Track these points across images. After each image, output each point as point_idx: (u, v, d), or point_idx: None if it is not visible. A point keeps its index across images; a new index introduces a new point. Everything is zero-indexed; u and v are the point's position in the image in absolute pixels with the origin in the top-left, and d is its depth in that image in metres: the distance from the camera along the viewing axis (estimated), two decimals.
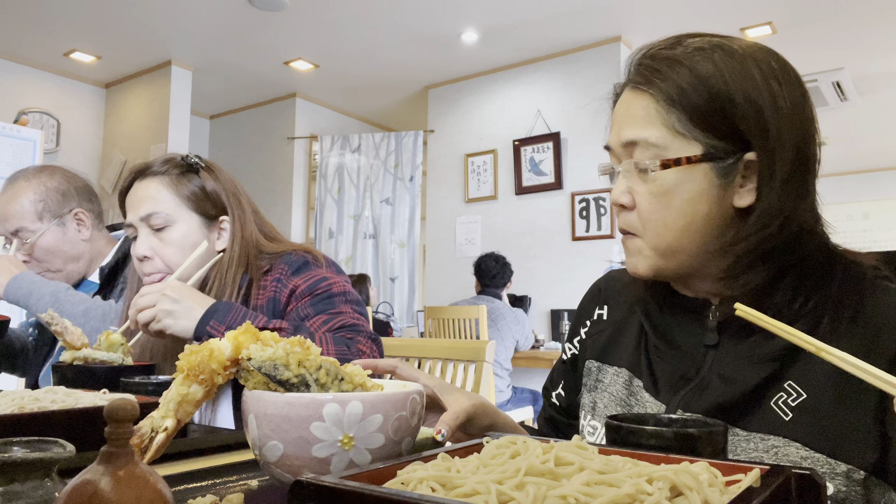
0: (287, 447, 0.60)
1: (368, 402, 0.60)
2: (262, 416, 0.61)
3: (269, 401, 0.61)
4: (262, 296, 1.34)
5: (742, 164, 0.76)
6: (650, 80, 0.78)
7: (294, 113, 6.39)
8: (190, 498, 0.62)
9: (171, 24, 5.03)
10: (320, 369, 0.63)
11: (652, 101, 0.77)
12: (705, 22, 4.78)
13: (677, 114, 0.76)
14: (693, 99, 0.75)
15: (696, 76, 0.75)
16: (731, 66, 0.76)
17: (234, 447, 0.96)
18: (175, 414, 0.64)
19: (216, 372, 0.64)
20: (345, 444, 0.59)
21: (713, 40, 0.79)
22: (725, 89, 0.75)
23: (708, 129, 0.75)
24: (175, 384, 0.65)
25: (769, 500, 0.42)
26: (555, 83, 5.34)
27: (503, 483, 0.43)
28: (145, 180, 1.37)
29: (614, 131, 0.83)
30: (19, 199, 1.70)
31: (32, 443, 0.49)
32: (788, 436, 0.73)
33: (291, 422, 0.59)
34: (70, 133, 5.95)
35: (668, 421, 0.63)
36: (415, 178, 5.95)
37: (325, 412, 0.59)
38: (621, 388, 0.88)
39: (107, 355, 1.22)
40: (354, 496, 0.41)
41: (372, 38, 5.20)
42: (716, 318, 0.81)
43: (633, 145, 0.79)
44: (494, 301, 4.23)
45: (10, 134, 3.62)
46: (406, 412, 0.63)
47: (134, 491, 0.39)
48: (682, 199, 0.76)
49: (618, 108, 0.84)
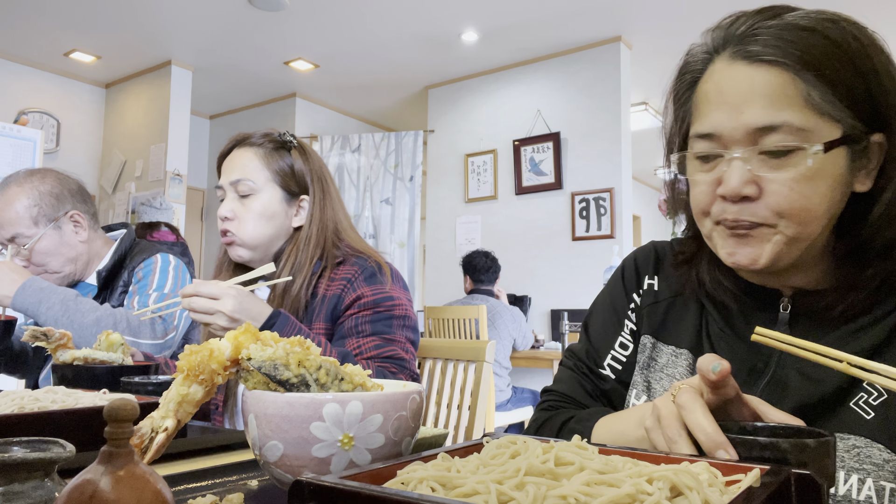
0: (287, 447, 0.59)
1: (368, 401, 0.60)
2: (262, 417, 0.61)
3: (269, 401, 0.60)
4: (329, 288, 1.38)
5: (870, 145, 0.71)
6: (788, 52, 0.68)
7: (294, 113, 6.39)
8: (190, 498, 0.62)
9: (171, 24, 5.04)
10: (320, 369, 0.63)
11: (789, 76, 0.68)
12: (705, 22, 4.76)
13: (822, 90, 0.67)
14: (843, 73, 0.67)
15: (842, 48, 0.68)
16: (868, 40, 0.70)
17: (234, 447, 0.96)
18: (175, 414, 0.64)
19: (216, 372, 0.64)
20: (345, 444, 0.59)
21: (825, 12, 0.72)
22: (871, 65, 0.69)
23: (852, 108, 0.69)
24: (175, 384, 0.64)
25: (769, 500, 0.42)
26: (555, 83, 5.34)
27: (503, 483, 0.43)
28: (242, 148, 1.46)
29: (727, 114, 0.71)
30: (13, 205, 1.69)
31: (32, 443, 0.49)
32: (870, 436, 0.69)
33: (291, 422, 0.59)
34: (70, 133, 5.95)
35: (752, 429, 0.59)
36: (415, 178, 5.95)
37: (325, 412, 0.58)
38: (684, 372, 0.82)
39: (107, 355, 1.22)
40: (354, 496, 0.41)
41: (372, 38, 5.20)
42: (787, 311, 0.77)
43: (769, 131, 0.68)
44: (490, 300, 4.23)
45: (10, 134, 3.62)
46: (406, 412, 0.63)
47: (134, 491, 0.39)
48: (826, 185, 0.69)
49: (725, 86, 0.72)
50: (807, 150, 0.67)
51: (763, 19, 0.71)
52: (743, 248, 0.73)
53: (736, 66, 0.71)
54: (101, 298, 1.77)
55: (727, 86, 0.71)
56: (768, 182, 0.70)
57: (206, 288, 1.18)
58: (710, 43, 0.76)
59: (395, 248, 5.91)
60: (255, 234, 1.43)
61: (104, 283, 1.78)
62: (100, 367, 1.19)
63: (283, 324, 1.21)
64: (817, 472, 0.48)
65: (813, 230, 0.71)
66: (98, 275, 1.77)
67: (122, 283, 1.77)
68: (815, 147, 0.67)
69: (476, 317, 3.88)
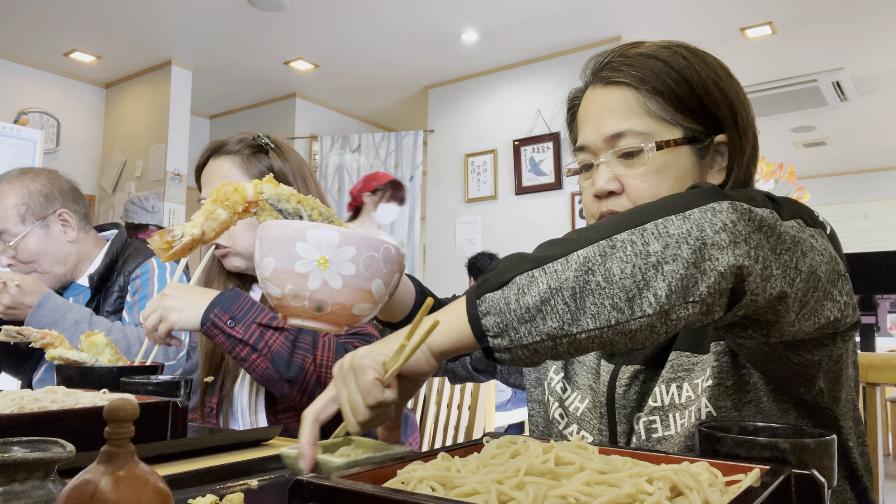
0: (277, 262, 0.71)
1: (345, 234, 0.70)
2: (263, 239, 0.73)
3: (270, 224, 0.73)
4: None
5: (714, 145, 0.86)
6: (629, 74, 0.85)
7: (294, 113, 6.39)
8: (190, 498, 0.62)
9: (171, 24, 5.03)
10: (314, 210, 0.77)
11: (632, 93, 0.85)
12: (705, 22, 4.78)
13: (659, 102, 0.84)
14: (673, 87, 0.84)
15: (673, 68, 0.84)
16: (696, 59, 0.86)
17: (234, 447, 0.96)
18: (202, 226, 0.76)
19: (238, 202, 0.77)
20: (321, 265, 0.69)
21: (667, 41, 0.89)
22: (699, 78, 0.84)
23: (687, 114, 0.84)
24: (205, 203, 0.78)
25: (769, 500, 0.42)
26: (555, 83, 5.34)
27: (503, 483, 0.43)
28: (219, 158, 1.43)
29: (590, 128, 0.88)
30: (1, 202, 1.69)
31: (32, 443, 0.49)
32: (679, 347, 0.83)
33: (282, 240, 0.70)
34: (70, 133, 5.95)
35: (752, 429, 0.61)
36: (415, 178, 5.95)
37: (308, 235, 0.70)
38: (593, 358, 0.94)
39: (78, 355, 1.24)
40: (354, 496, 0.41)
41: (372, 38, 5.20)
42: None
43: (619, 137, 0.85)
44: None
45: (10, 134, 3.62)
46: (378, 255, 0.72)
47: (134, 491, 0.39)
48: (671, 178, 0.84)
49: (589, 107, 0.90)
50: (644, 149, 0.83)
51: (617, 53, 0.89)
52: None
53: (595, 91, 0.90)
54: (94, 301, 1.76)
55: (590, 106, 0.90)
56: (625, 178, 0.85)
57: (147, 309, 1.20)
58: (583, 78, 0.94)
59: None
60: (249, 243, 1.40)
61: (97, 287, 1.77)
62: (100, 367, 1.19)
63: (236, 295, 1.19)
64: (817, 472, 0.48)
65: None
66: (90, 278, 1.76)
67: (117, 288, 1.76)
68: (650, 145, 0.83)
69: None
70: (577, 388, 0.94)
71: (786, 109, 6.20)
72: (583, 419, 0.91)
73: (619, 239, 0.58)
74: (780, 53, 5.20)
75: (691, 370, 0.80)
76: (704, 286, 0.56)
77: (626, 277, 0.56)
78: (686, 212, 0.58)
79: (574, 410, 0.93)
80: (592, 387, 0.92)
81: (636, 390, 0.85)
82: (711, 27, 4.85)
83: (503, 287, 0.59)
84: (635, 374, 0.85)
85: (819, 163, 8.07)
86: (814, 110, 6.21)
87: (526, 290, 0.58)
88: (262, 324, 1.17)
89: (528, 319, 0.58)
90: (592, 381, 0.93)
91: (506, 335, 0.58)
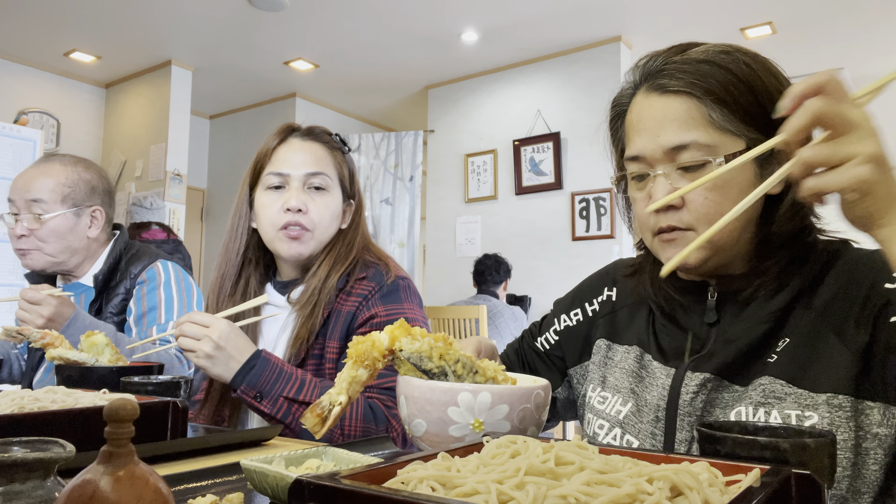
0: (429, 425, 0.71)
1: (497, 393, 0.69)
2: (409, 398, 0.73)
3: (415, 385, 0.73)
4: (347, 303, 1.34)
5: (774, 154, 0.81)
6: (690, 83, 0.81)
7: (294, 113, 6.38)
8: (190, 498, 0.62)
9: (171, 24, 5.03)
10: (458, 362, 0.76)
11: (694, 103, 0.81)
12: (705, 22, 4.78)
13: (723, 112, 0.80)
14: (738, 97, 0.80)
15: (737, 76, 0.81)
16: (759, 65, 0.83)
17: (234, 447, 0.96)
18: (347, 391, 0.78)
19: (377, 359, 0.77)
20: (476, 428, 0.69)
21: (724, 45, 0.85)
22: (763, 87, 0.81)
23: (751, 124, 0.81)
24: (346, 368, 0.79)
25: (769, 500, 0.42)
26: (555, 83, 5.34)
27: (503, 483, 0.43)
28: (311, 141, 1.41)
29: (647, 138, 0.84)
30: (50, 176, 1.75)
31: (32, 443, 0.49)
32: (773, 374, 0.79)
33: (432, 404, 0.70)
34: (70, 133, 5.95)
35: (752, 429, 0.61)
36: (415, 178, 5.95)
37: (459, 399, 0.69)
38: (632, 363, 0.94)
39: (78, 355, 1.24)
40: (354, 496, 0.41)
41: (372, 38, 5.20)
42: (714, 297, 0.88)
43: (681, 149, 0.81)
44: (492, 300, 4.24)
45: (10, 134, 3.62)
46: (531, 405, 0.72)
47: (134, 491, 0.39)
48: (735, 192, 0.81)
49: (644, 115, 0.85)
50: (712, 162, 0.80)
51: (671, 56, 0.85)
52: (672, 250, 0.85)
53: (651, 98, 0.85)
54: (98, 302, 1.76)
55: (645, 115, 0.85)
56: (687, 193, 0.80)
57: (199, 316, 1.19)
58: (632, 80, 0.90)
59: (395, 248, 5.91)
60: (329, 232, 1.38)
61: (101, 288, 1.77)
62: (100, 367, 1.19)
63: (263, 366, 1.18)
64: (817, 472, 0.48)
65: (727, 231, 0.82)
66: (95, 279, 1.77)
67: (123, 290, 1.76)
68: (719, 159, 0.80)
69: (476, 317, 3.89)
70: (618, 391, 0.93)
71: None
72: (626, 423, 0.90)
73: None
74: (780, 53, 5.17)
75: (783, 399, 0.78)
76: None
77: None
78: None
79: (616, 414, 0.91)
80: (634, 390, 0.91)
81: (703, 399, 0.83)
82: (711, 27, 4.85)
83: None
84: (704, 382, 0.83)
85: None
86: None
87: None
88: (290, 398, 1.18)
89: None
90: (634, 385, 0.91)
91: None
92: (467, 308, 3.98)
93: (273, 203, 1.36)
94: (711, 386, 0.83)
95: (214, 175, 6.99)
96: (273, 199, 1.36)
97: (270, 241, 1.38)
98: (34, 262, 1.76)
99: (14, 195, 1.73)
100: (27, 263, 1.77)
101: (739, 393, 0.81)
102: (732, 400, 0.81)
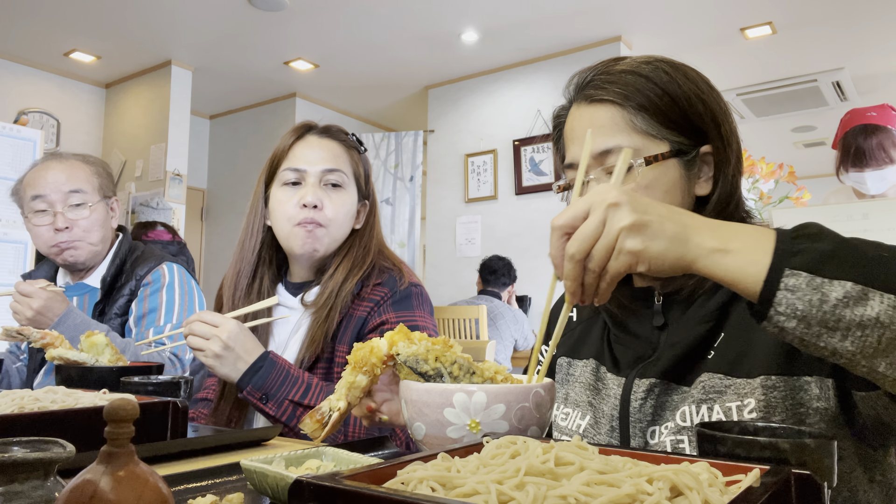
0: (428, 428, 0.70)
1: (492, 392, 0.68)
2: (408, 402, 0.73)
3: (412, 388, 0.72)
4: (360, 308, 1.34)
5: (700, 156, 0.87)
6: (613, 91, 0.86)
7: (294, 113, 6.38)
8: (190, 498, 0.62)
9: (171, 24, 5.03)
10: (454, 364, 0.75)
11: (618, 110, 0.86)
12: (705, 22, 4.78)
13: (644, 117, 0.85)
14: (657, 102, 0.85)
15: (656, 83, 0.86)
16: (678, 73, 0.87)
17: (234, 447, 0.96)
18: (346, 397, 0.77)
19: (376, 365, 0.78)
20: (473, 428, 0.68)
21: (648, 56, 0.90)
22: (682, 92, 0.86)
23: (672, 128, 0.85)
24: (345, 374, 0.78)
25: (769, 500, 0.42)
26: (555, 83, 5.34)
27: (503, 483, 0.43)
28: (328, 139, 1.41)
29: (578, 146, 0.89)
30: (84, 167, 1.79)
31: (32, 443, 0.49)
32: (712, 369, 0.81)
33: (429, 406, 0.70)
34: (70, 133, 5.95)
35: (752, 429, 0.61)
36: (415, 178, 5.95)
37: (454, 400, 0.68)
38: (589, 376, 0.95)
39: (78, 355, 1.24)
40: (354, 496, 0.41)
41: (372, 38, 5.20)
42: (660, 301, 0.90)
43: (607, 154, 0.85)
44: (493, 300, 4.24)
45: (10, 134, 3.62)
46: (529, 404, 0.70)
47: (134, 491, 0.39)
48: (661, 192, 0.84)
49: (575, 125, 0.90)
50: (634, 164, 0.83)
51: (598, 70, 0.90)
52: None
53: (581, 109, 0.90)
54: (102, 303, 1.76)
55: (576, 124, 0.90)
56: None
57: (209, 316, 1.19)
58: (567, 95, 0.95)
59: (395, 248, 5.91)
60: (343, 230, 1.38)
61: (108, 290, 1.77)
62: (100, 367, 1.19)
63: (270, 368, 1.18)
64: (817, 472, 0.48)
65: None
66: (103, 280, 1.77)
67: (128, 291, 1.76)
68: (639, 161, 0.83)
69: (476, 317, 3.89)
70: (577, 405, 0.95)
71: (786, 109, 6.21)
72: (585, 436, 0.91)
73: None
74: (780, 53, 5.20)
75: (723, 392, 0.79)
76: None
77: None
78: None
79: (576, 428, 0.93)
80: (592, 403, 0.92)
81: (651, 404, 0.85)
82: (711, 27, 4.85)
83: (822, 278, 0.57)
84: (651, 387, 0.85)
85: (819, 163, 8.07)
86: (814, 110, 6.21)
87: (851, 304, 0.57)
88: (295, 401, 1.18)
89: (830, 328, 0.57)
90: (591, 398, 0.93)
91: (796, 321, 0.58)
92: (468, 308, 3.98)
93: (289, 199, 1.36)
94: (659, 390, 0.85)
95: (214, 175, 6.99)
96: (289, 195, 1.36)
97: (285, 237, 1.37)
98: (79, 255, 1.75)
99: (46, 190, 1.71)
100: (71, 257, 1.74)
101: (685, 393, 0.83)
102: (679, 401, 0.83)
